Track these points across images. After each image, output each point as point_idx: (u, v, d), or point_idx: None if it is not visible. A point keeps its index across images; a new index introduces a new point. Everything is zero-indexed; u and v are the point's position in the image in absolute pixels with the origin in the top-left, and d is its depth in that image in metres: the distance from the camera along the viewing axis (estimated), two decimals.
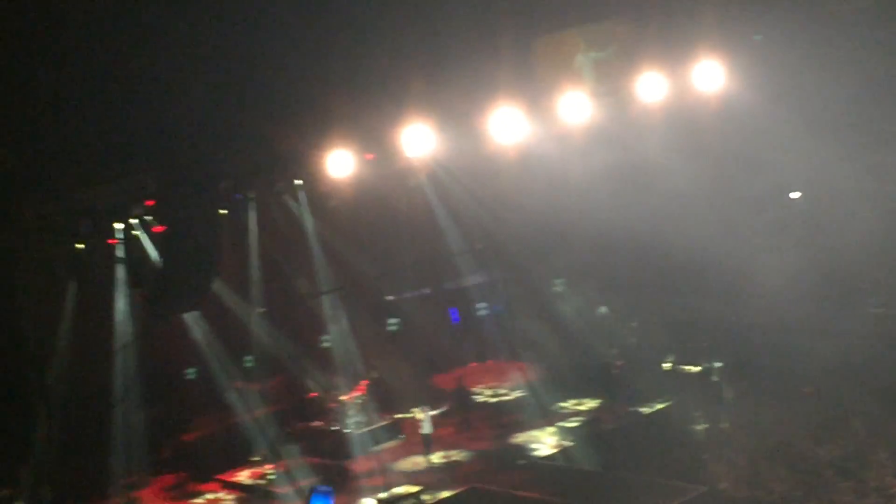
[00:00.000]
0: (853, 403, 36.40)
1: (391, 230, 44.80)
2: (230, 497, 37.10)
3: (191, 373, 38.41)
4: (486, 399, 43.58)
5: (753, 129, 43.27)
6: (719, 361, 40.57)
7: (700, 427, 38.07)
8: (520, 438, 39.03)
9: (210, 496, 37.16)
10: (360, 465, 37.92)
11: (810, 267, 44.20)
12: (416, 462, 37.88)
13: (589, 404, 41.36)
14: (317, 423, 39.92)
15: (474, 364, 46.11)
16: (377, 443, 39.40)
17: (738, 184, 44.98)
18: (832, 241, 44.69)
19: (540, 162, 41.96)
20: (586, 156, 42.07)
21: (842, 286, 43.55)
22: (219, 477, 38.16)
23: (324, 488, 15.49)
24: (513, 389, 43.54)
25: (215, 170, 31.31)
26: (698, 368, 41.38)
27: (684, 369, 41.68)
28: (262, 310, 40.41)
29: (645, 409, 40.13)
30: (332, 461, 37.88)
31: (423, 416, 38.04)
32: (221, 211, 33.75)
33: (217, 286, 38.26)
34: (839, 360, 39.07)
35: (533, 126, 37.17)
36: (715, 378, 40.18)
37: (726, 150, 44.18)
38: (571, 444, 37.31)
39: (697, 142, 43.50)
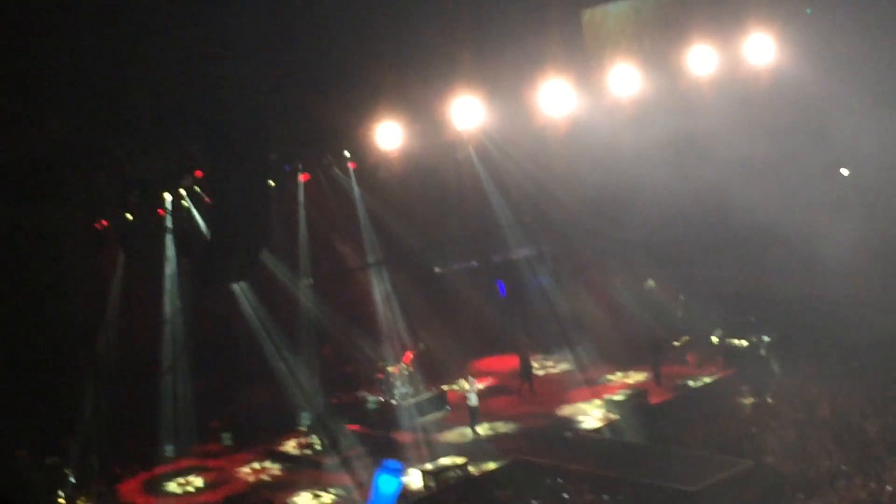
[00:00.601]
0: None
1: (439, 202, 44.75)
2: (276, 466, 37.26)
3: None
4: (534, 372, 43.54)
5: (808, 103, 43.06)
6: (768, 335, 40.46)
7: (747, 401, 38.01)
8: (566, 411, 39.05)
9: (256, 465, 37.34)
10: (405, 436, 38.02)
11: (867, 241, 43.98)
12: (462, 433, 37.96)
13: (636, 377, 41.32)
14: (363, 394, 40.03)
15: (521, 336, 46.02)
16: (423, 414, 39.47)
17: (793, 157, 44.71)
18: (891, 213, 44.45)
19: (589, 135, 41.89)
20: (636, 129, 41.98)
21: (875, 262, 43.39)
22: (265, 446, 38.35)
23: (393, 463, 15.28)
24: (560, 361, 43.51)
25: (264, 141, 31.38)
26: (747, 342, 41.26)
27: (733, 342, 41.55)
28: (310, 281, 40.49)
29: (692, 383, 40.08)
30: (378, 432, 38.01)
31: (470, 388, 38.07)
32: (270, 182, 33.88)
33: (265, 257, 38.45)
34: (890, 336, 38.88)
35: (582, 98, 37.14)
36: (763, 352, 40.08)
37: (780, 123, 43.92)
38: (618, 417, 37.28)
39: (749, 115, 43.32)
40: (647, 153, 43.51)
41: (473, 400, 37.97)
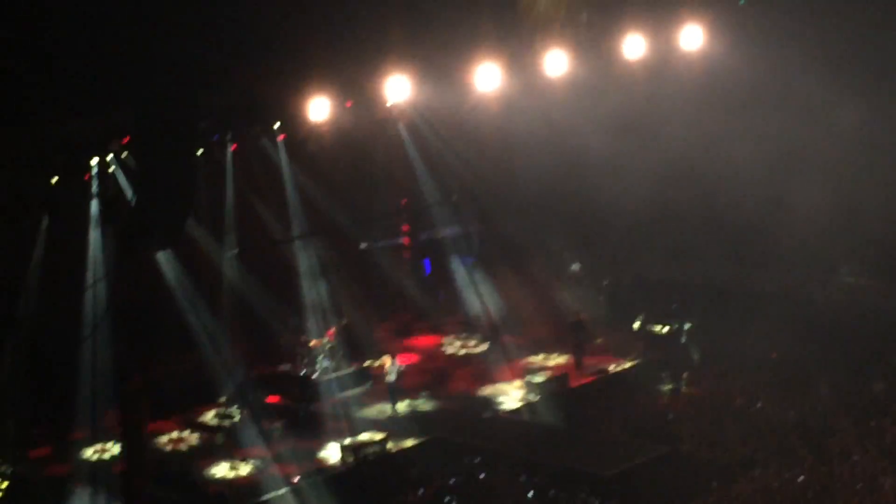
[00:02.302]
0: (820, 370, 36.68)
1: (367, 178, 44.72)
2: (194, 436, 37.15)
3: None
4: (455, 351, 43.65)
5: (736, 88, 43.43)
6: (689, 322, 40.77)
7: (666, 387, 38.29)
8: (486, 391, 39.17)
9: (174, 434, 37.21)
10: (325, 410, 37.99)
11: (795, 229, 44.46)
12: (382, 410, 38.00)
13: (557, 360, 41.49)
14: (285, 367, 39.95)
15: (443, 315, 46.10)
16: (344, 389, 39.44)
17: (721, 142, 45.04)
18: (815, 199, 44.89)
19: (520, 116, 42.00)
20: (567, 111, 42.12)
21: (814, 254, 43.76)
22: (184, 416, 38.19)
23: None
24: (482, 342, 43.58)
25: (194, 110, 31.12)
26: (667, 328, 41.54)
27: (653, 329, 41.82)
28: (235, 252, 40.29)
29: (611, 367, 40.29)
30: (297, 405, 37.95)
31: (389, 365, 38.08)
32: (198, 151, 33.65)
33: (191, 226, 38.22)
34: (809, 327, 39.33)
35: (514, 78, 37.16)
36: (683, 339, 40.39)
37: (709, 107, 44.16)
38: (537, 399, 37.46)
39: (680, 99, 43.58)
40: (578, 136, 43.73)
41: (393, 377, 37.99)
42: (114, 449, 35.58)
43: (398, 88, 35.13)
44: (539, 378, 38.82)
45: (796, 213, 44.20)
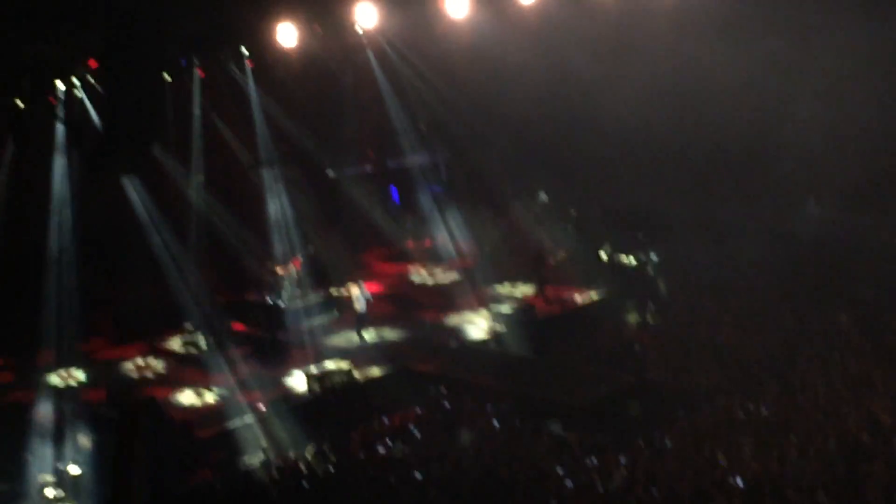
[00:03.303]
0: (785, 301, 36.81)
1: (336, 105, 44.47)
2: (159, 363, 37.09)
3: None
4: (422, 280, 43.63)
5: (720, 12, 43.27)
6: (656, 254, 40.81)
7: (632, 318, 38.37)
8: (453, 321, 39.19)
9: (140, 361, 37.15)
10: (292, 338, 37.97)
11: (750, 164, 44.50)
12: (349, 339, 38.00)
13: (524, 290, 41.53)
14: (251, 295, 39.88)
15: (410, 244, 46.05)
16: (310, 317, 39.41)
17: (692, 77, 44.95)
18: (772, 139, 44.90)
19: (490, 44, 41.80)
20: (538, 39, 41.97)
21: (781, 187, 43.80)
22: (149, 342, 38.13)
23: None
24: (449, 271, 43.58)
25: (161, 35, 30.87)
26: (635, 260, 41.59)
27: (620, 259, 41.86)
28: (201, 177, 40.10)
29: (578, 298, 40.35)
30: (264, 333, 37.91)
31: (357, 292, 38.02)
32: (166, 76, 33.42)
33: (157, 151, 38.01)
34: (775, 258, 39.42)
35: (484, 5, 36.93)
36: (650, 270, 40.44)
37: (688, 34, 43.95)
38: (504, 328, 37.49)
39: (656, 25, 43.46)
40: (551, 64, 43.58)
41: (361, 305, 37.95)
42: (78, 374, 35.52)
43: (367, 14, 34.89)
44: (506, 308, 38.86)
45: (776, 143, 44.26)
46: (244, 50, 36.65)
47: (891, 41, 41.37)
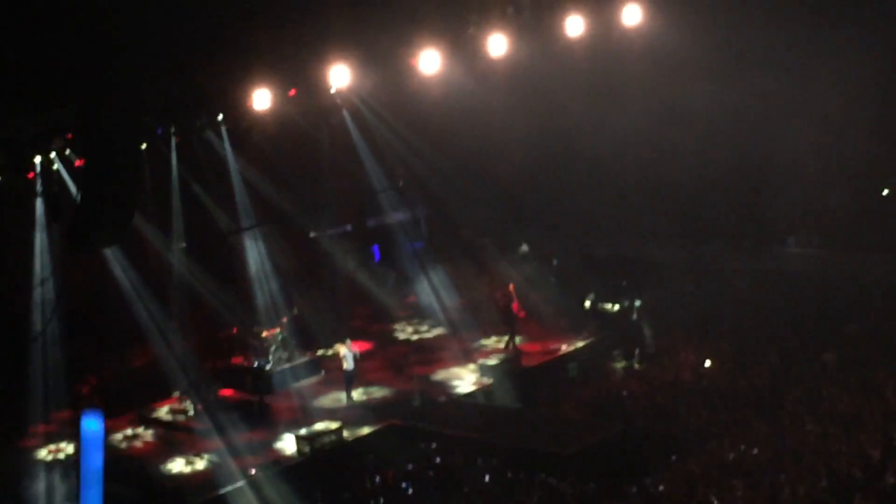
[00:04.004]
0: (770, 341, 36.93)
1: (313, 167, 44.56)
2: (149, 432, 37.01)
3: None
4: (407, 336, 43.64)
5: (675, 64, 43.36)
6: (640, 299, 40.94)
7: (618, 365, 38.45)
8: (440, 376, 39.19)
9: (129, 431, 37.06)
10: (280, 401, 37.94)
11: (732, 204, 44.67)
12: (337, 399, 37.97)
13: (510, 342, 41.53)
14: (237, 360, 39.85)
15: (394, 301, 46.03)
16: (297, 379, 39.39)
17: (663, 119, 45.12)
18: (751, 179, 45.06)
19: (462, 98, 41.95)
20: (507, 93, 42.14)
21: (761, 225, 43.96)
22: (138, 412, 38.04)
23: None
24: (434, 327, 43.61)
25: (137, 104, 30.92)
26: (618, 306, 41.71)
27: (604, 307, 41.98)
28: (182, 245, 40.14)
29: (564, 347, 40.39)
30: (252, 397, 37.86)
31: (345, 352, 37.98)
32: (143, 145, 33.46)
33: (137, 221, 38.02)
34: (759, 298, 39.56)
35: (456, 62, 37.09)
36: (634, 316, 40.54)
37: (648, 85, 44.16)
38: (491, 381, 37.50)
39: (620, 76, 43.62)
40: (524, 116, 43.78)
41: (349, 364, 37.90)
42: (68, 448, 35.41)
43: (341, 74, 35.04)
44: (492, 360, 38.87)
45: (758, 182, 44.47)
46: (219, 116, 36.77)
47: (875, 79, 41.55)
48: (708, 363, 36.19)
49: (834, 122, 42.04)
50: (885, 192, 41.95)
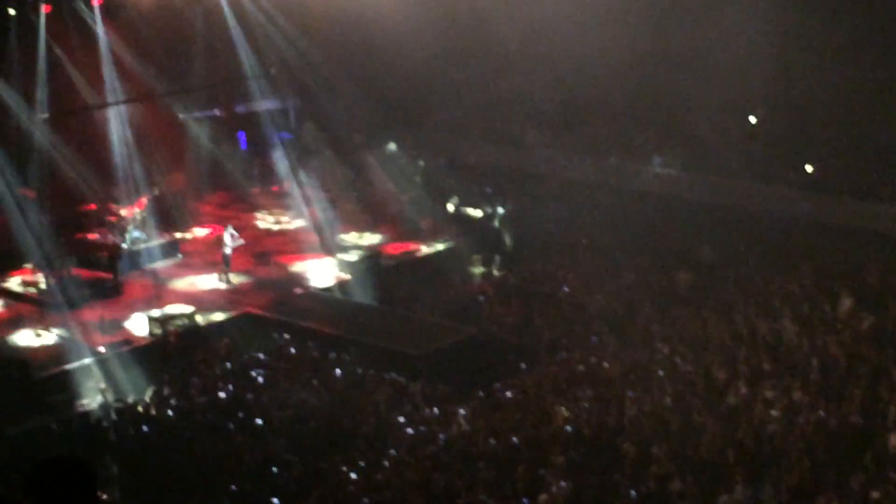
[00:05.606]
0: (628, 258, 37.33)
1: (185, 47, 43.88)
2: None
3: None
4: (268, 227, 43.37)
5: None
6: (503, 207, 41.14)
7: (477, 271, 38.63)
8: (299, 268, 39.05)
9: None
10: (135, 281, 37.56)
11: (601, 121, 44.90)
12: (191, 283, 37.70)
13: (371, 239, 41.51)
14: (94, 236, 39.27)
15: (258, 189, 45.66)
16: (154, 261, 39.00)
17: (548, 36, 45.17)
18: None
19: None
20: None
21: (627, 144, 44.25)
22: None
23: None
24: (296, 218, 43.39)
25: None
26: (481, 212, 41.89)
27: (467, 212, 42.12)
28: (45, 116, 39.33)
29: (424, 248, 40.47)
30: (106, 275, 37.42)
31: (227, 237, 37.60)
32: (10, 11, 32.74)
33: (0, 88, 37.22)
34: (619, 216, 39.89)
35: None
36: (497, 223, 40.75)
37: None
38: (349, 277, 37.48)
39: None
40: (402, 15, 43.47)
41: (229, 249, 37.53)
42: None
43: None
44: (352, 256, 38.84)
45: (628, 98, 44.77)
46: None
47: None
48: None
49: (711, 52, 42.31)
50: (752, 119, 42.36)
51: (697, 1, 42.87)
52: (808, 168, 40.01)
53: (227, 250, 37.60)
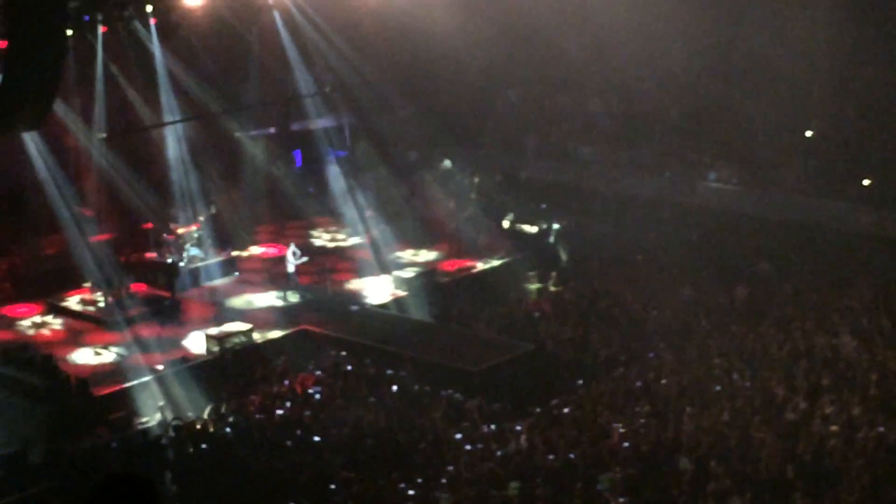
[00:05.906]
0: (684, 273, 37.19)
1: (241, 66, 44.08)
2: (57, 321, 36.68)
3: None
4: (324, 244, 43.48)
5: None
6: (558, 223, 41.08)
7: (533, 287, 38.57)
8: (354, 285, 39.14)
9: (37, 319, 36.73)
10: (192, 299, 37.77)
11: (656, 136, 44.78)
12: (249, 301, 37.85)
13: (427, 256, 41.56)
14: (152, 255, 39.53)
15: (313, 207, 45.75)
16: (211, 279, 39.20)
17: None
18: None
19: (396, 8, 41.70)
20: (442, 3, 42.01)
21: (684, 160, 44.07)
22: (48, 300, 37.67)
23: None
24: (352, 236, 43.47)
25: None
26: (536, 228, 41.85)
27: (523, 228, 42.09)
28: (103, 135, 39.61)
29: (480, 265, 40.46)
30: (163, 293, 37.63)
31: (290, 255, 37.82)
32: (69, 31, 32.91)
33: (59, 108, 37.49)
34: (676, 231, 39.76)
35: None
36: (552, 239, 40.70)
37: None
38: (405, 293, 37.52)
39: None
40: (457, 32, 43.56)
41: (291, 267, 37.74)
42: None
43: None
44: (408, 273, 38.90)
45: (683, 115, 44.68)
46: (148, 7, 36.27)
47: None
48: None
49: (768, 67, 42.20)
50: (809, 133, 42.11)
51: (755, 16, 42.71)
52: (865, 182, 39.71)
53: (291, 268, 37.83)
